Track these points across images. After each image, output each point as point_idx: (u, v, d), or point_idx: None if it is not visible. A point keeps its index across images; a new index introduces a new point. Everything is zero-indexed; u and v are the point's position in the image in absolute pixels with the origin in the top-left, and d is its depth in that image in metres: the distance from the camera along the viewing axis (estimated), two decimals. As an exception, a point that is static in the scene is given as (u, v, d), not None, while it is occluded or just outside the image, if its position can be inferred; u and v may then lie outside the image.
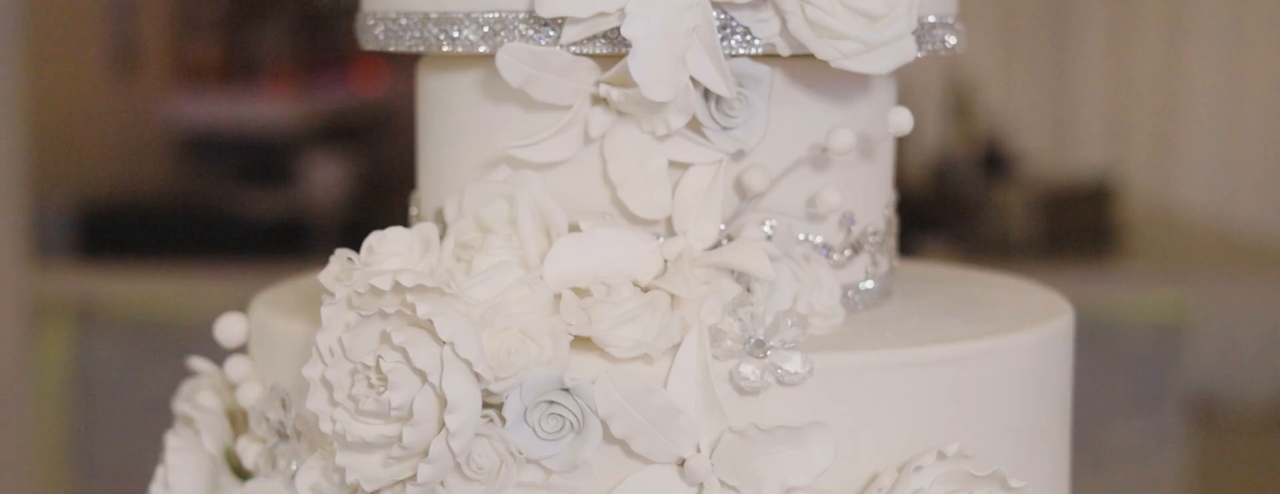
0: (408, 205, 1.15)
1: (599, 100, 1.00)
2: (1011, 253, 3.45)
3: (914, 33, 1.01)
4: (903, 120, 1.02)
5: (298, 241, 3.45)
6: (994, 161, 3.91)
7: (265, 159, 3.96)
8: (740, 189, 1.02)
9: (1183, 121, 5.22)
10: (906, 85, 1.17)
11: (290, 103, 3.94)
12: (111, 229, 3.34)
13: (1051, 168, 4.67)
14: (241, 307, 1.15)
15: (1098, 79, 5.26)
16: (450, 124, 1.07)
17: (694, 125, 1.00)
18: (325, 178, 3.63)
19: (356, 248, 0.97)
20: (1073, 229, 3.54)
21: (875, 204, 1.09)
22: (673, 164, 1.01)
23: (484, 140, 1.05)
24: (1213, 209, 4.96)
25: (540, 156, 1.01)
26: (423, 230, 1.00)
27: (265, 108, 3.91)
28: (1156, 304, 3.25)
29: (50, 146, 3.22)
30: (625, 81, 0.96)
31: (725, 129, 1.00)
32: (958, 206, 3.71)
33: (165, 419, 1.14)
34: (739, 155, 1.01)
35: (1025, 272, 3.33)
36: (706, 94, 0.99)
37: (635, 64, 0.95)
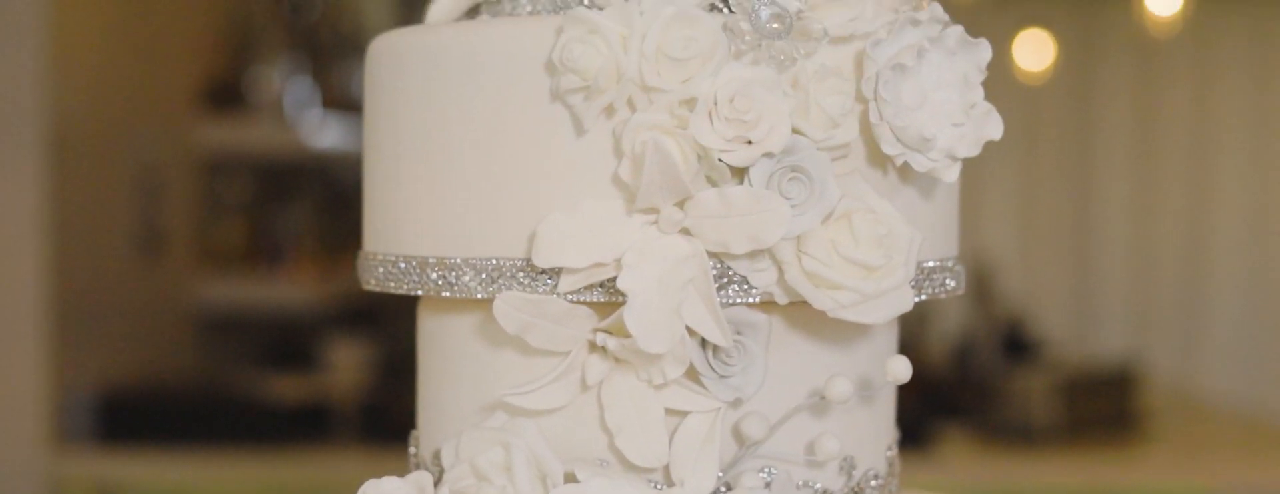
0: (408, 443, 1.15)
1: (596, 348, 1.00)
2: (1033, 439, 3.42)
3: (914, 279, 1.01)
4: (901, 370, 1.02)
5: (319, 426, 3.44)
6: (1015, 346, 3.89)
7: (288, 342, 3.96)
8: (738, 437, 1.02)
9: (1205, 307, 5.21)
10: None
11: (314, 285, 3.95)
12: (132, 413, 3.33)
13: (1073, 353, 4.66)
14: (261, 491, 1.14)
15: (1119, 264, 5.27)
16: (448, 366, 1.07)
17: (692, 374, 1.00)
18: (347, 361, 3.63)
19: (378, 434, 0.97)
20: (1095, 415, 3.52)
21: (876, 448, 1.09)
22: (670, 411, 1.00)
23: (482, 384, 1.05)
24: (1237, 395, 4.94)
25: (537, 404, 1.01)
26: (417, 479, 0.99)
27: (289, 290, 3.92)
28: (1181, 492, 3.22)
29: (73, 329, 3.23)
30: (622, 331, 0.97)
31: (723, 377, 1.00)
32: (979, 390, 3.69)
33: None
34: (737, 403, 1.01)
35: (1047, 458, 3.30)
36: (704, 343, 0.99)
37: (631, 317, 0.95)
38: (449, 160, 1.02)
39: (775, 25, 0.97)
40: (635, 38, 0.96)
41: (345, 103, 4.19)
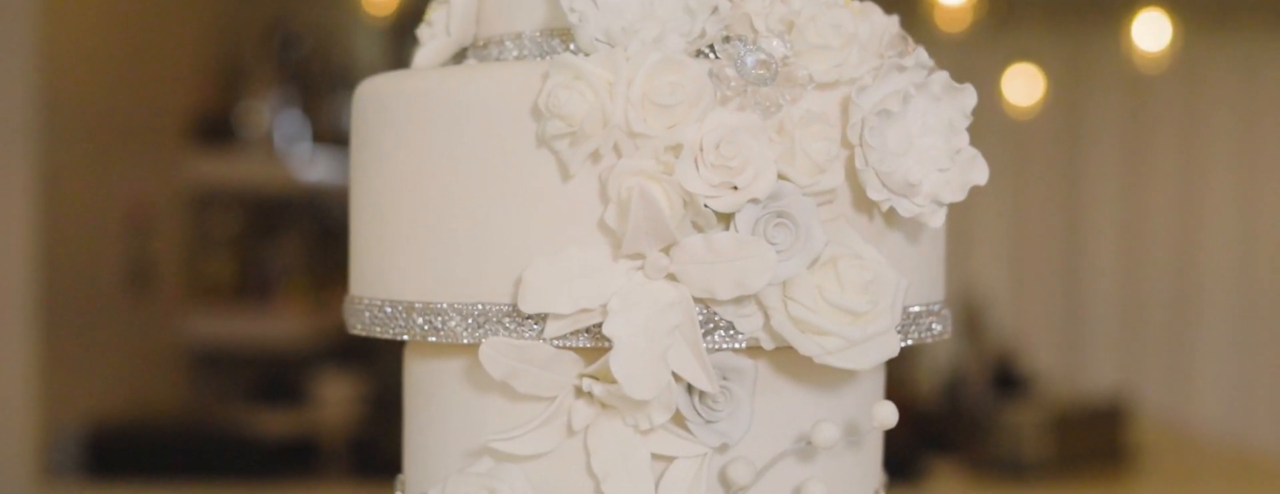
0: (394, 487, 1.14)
1: (582, 393, 1.00)
2: (1024, 474, 3.42)
3: (900, 324, 1.01)
4: (887, 414, 1.02)
5: (308, 461, 3.43)
6: (1006, 380, 3.89)
7: (277, 377, 3.96)
8: (725, 482, 1.01)
9: (1195, 341, 5.21)
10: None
11: (303, 319, 3.94)
12: (121, 448, 3.32)
13: (1064, 387, 4.65)
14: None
15: (1109, 298, 5.27)
16: (435, 411, 1.07)
17: (678, 419, 0.99)
18: (336, 396, 3.62)
19: (367, 469, 0.96)
20: (1086, 450, 3.51)
21: (863, 492, 1.08)
22: (656, 457, 1.00)
23: (468, 429, 1.04)
24: (1228, 429, 4.94)
25: (522, 449, 1.00)
26: (402, 526, 0.99)
27: (278, 324, 3.91)
28: (1173, 527, 3.22)
29: (61, 364, 3.22)
30: (608, 377, 0.96)
31: (709, 422, 1.00)
32: (970, 425, 3.69)
33: None
34: (723, 448, 1.01)
35: (1038, 493, 3.30)
36: (690, 388, 0.99)
37: (617, 363, 0.95)
38: (435, 205, 1.02)
39: (761, 71, 0.97)
40: (621, 83, 0.96)
41: (335, 136, 4.19)
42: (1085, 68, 5.23)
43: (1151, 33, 4.25)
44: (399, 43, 4.46)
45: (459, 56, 1.14)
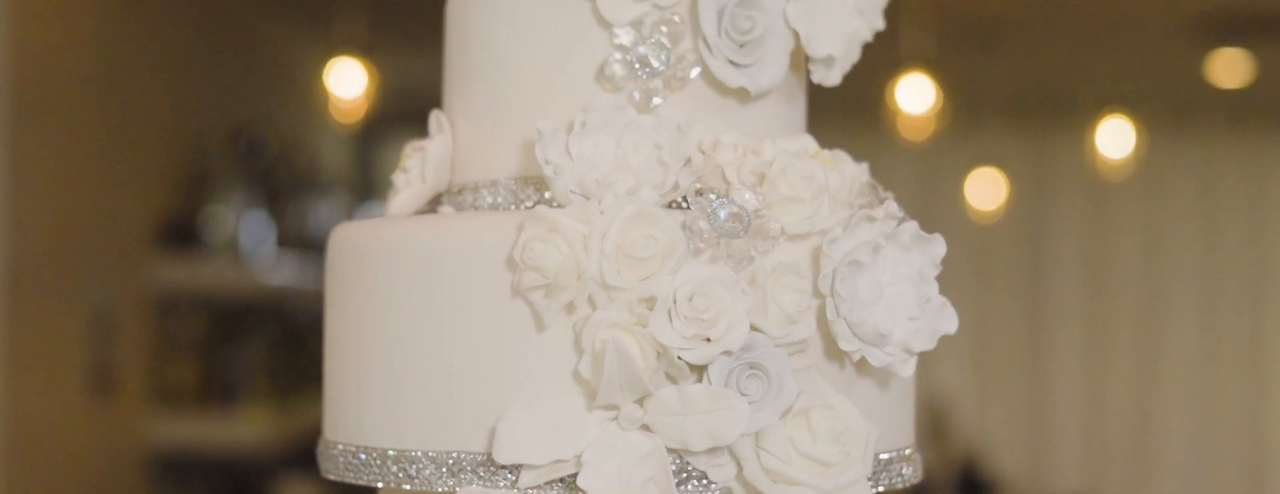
0: None
1: (557, 542, 1.00)
2: (991, 581, 3.42)
3: (870, 472, 1.02)
4: (858, 564, 1.02)
5: (269, 569, 3.41)
6: (971, 485, 3.90)
7: (241, 483, 3.93)
8: None
9: (1158, 442, 5.23)
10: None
11: (267, 424, 3.92)
12: (81, 556, 3.30)
13: (1029, 491, 4.66)
14: None
15: (1073, 401, 5.28)
16: (409, 557, 1.07)
17: (652, 567, 1.00)
18: (300, 503, 3.61)
19: None
20: (1052, 556, 3.52)
21: None
22: (631, 604, 1.00)
23: (442, 575, 1.04)
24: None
25: (497, 598, 1.00)
26: None
27: (242, 430, 3.89)
28: None
29: (21, 470, 3.20)
30: (582, 527, 0.97)
31: (682, 571, 1.00)
32: (936, 530, 3.69)
33: None
34: (697, 595, 1.01)
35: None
36: (664, 537, 0.99)
37: (591, 514, 0.95)
38: (410, 353, 1.03)
39: (733, 224, 0.98)
40: (595, 236, 0.97)
41: (301, 240, 4.19)
42: (1048, 173, 5.28)
43: (1115, 139, 4.29)
44: (364, 147, 4.48)
45: (434, 201, 1.15)
